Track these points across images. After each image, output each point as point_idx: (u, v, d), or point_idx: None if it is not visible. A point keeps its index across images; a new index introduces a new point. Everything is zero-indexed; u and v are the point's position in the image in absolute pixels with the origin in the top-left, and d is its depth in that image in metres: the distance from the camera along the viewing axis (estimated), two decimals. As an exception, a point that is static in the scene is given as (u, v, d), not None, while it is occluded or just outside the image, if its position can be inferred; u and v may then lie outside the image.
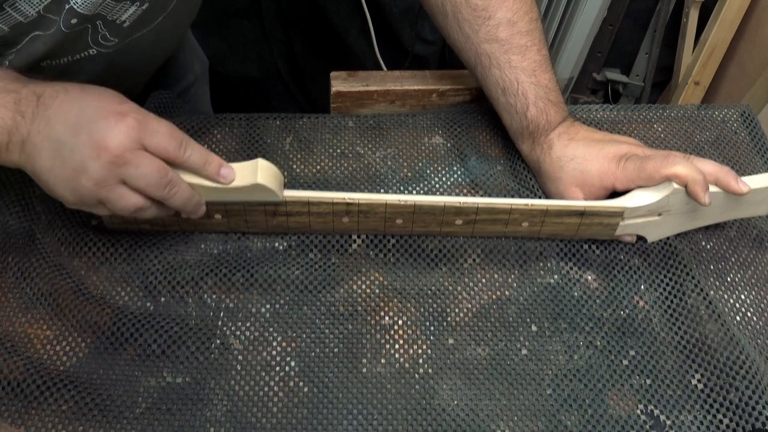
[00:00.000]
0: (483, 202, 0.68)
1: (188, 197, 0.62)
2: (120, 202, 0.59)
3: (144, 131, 0.58)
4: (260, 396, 0.63)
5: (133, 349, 0.65)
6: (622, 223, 0.70)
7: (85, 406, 0.61)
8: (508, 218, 0.69)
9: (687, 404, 0.64)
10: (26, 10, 0.61)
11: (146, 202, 0.60)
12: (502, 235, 0.73)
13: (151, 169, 0.58)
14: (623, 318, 0.69)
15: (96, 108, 0.57)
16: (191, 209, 0.64)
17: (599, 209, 0.68)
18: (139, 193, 0.59)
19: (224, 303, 0.68)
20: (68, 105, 0.57)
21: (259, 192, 0.64)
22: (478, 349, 0.67)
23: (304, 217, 0.69)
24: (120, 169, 0.57)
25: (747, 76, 1.62)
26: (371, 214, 0.69)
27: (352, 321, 0.68)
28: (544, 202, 0.68)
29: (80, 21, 0.64)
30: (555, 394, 0.64)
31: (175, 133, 0.60)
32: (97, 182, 0.57)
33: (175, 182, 0.60)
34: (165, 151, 0.59)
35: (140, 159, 0.57)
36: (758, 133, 0.87)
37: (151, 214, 0.62)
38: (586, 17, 1.67)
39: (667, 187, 0.67)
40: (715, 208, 0.70)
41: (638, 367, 0.66)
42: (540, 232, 0.71)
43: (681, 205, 0.69)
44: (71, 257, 0.70)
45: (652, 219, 0.70)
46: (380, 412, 0.62)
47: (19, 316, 0.66)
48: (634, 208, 0.68)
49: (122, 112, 0.57)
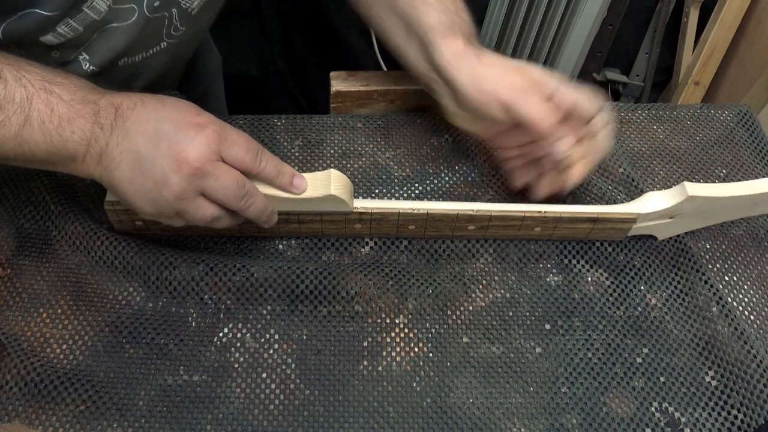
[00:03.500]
0: (496, 210, 0.68)
1: (263, 208, 0.62)
2: (198, 213, 0.59)
3: (222, 142, 0.58)
4: (260, 398, 0.63)
5: (132, 349, 0.65)
6: (634, 226, 0.70)
7: (102, 405, 0.61)
8: (521, 224, 0.69)
9: (701, 401, 0.64)
10: (100, 5, 0.61)
11: (222, 212, 0.60)
12: (514, 238, 0.73)
13: (230, 181, 0.58)
14: (636, 316, 0.69)
15: (175, 119, 0.57)
16: (265, 219, 0.64)
17: (612, 216, 0.69)
18: (217, 204, 0.59)
19: (224, 303, 0.68)
20: (146, 116, 0.57)
21: (330, 202, 0.65)
22: (492, 347, 0.67)
23: (317, 224, 0.69)
24: (200, 180, 0.57)
25: (747, 76, 1.62)
26: (384, 221, 0.69)
27: (354, 321, 0.68)
28: (558, 208, 0.69)
29: (161, 5, 0.65)
30: (570, 392, 0.64)
31: (251, 144, 0.60)
32: (178, 194, 0.57)
33: (251, 193, 0.61)
34: (242, 162, 0.59)
35: (219, 171, 0.58)
36: (758, 133, 0.88)
37: (224, 224, 0.62)
38: (586, 17, 1.67)
39: (681, 193, 0.67)
40: (728, 208, 0.70)
41: (652, 365, 0.66)
42: (552, 235, 0.72)
43: (694, 209, 0.69)
44: (83, 256, 0.70)
45: (664, 221, 0.70)
46: (393, 411, 0.62)
47: (34, 316, 0.66)
48: (647, 213, 0.68)
49: (201, 123, 0.58)
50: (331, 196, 0.64)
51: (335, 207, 0.66)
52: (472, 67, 0.68)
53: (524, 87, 0.66)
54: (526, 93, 0.65)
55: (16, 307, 0.67)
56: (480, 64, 0.68)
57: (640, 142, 0.86)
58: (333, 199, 0.64)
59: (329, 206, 0.66)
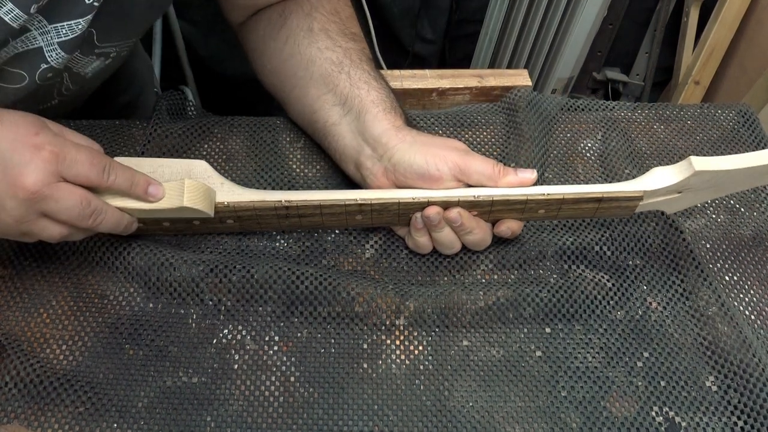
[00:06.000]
0: (498, 195, 0.67)
1: (116, 222, 0.62)
2: (43, 233, 0.58)
3: (61, 163, 0.56)
4: (260, 400, 0.63)
5: (132, 351, 0.65)
6: (641, 203, 0.69)
7: (102, 407, 0.61)
8: (524, 207, 0.68)
9: (702, 406, 0.64)
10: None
11: (71, 230, 0.59)
12: (519, 220, 0.72)
13: (72, 202, 0.57)
14: (636, 319, 0.69)
15: (12, 140, 0.54)
16: (122, 230, 0.63)
17: (617, 194, 0.67)
18: (63, 223, 0.58)
19: (224, 303, 0.68)
20: None
21: (188, 212, 0.64)
22: (492, 350, 0.67)
23: (317, 217, 0.69)
24: (39, 204, 0.55)
25: (747, 76, 1.62)
26: (384, 212, 0.68)
27: (354, 323, 0.68)
28: (561, 189, 0.67)
29: (54, 75, 0.64)
30: (570, 396, 0.64)
31: (95, 159, 0.58)
32: (17, 219, 0.55)
33: (99, 210, 0.59)
34: (87, 180, 0.58)
35: (59, 192, 0.56)
36: (758, 133, 0.88)
37: (78, 238, 0.61)
38: (586, 17, 1.67)
39: (687, 168, 0.65)
40: (737, 179, 0.68)
41: (653, 369, 0.66)
42: (557, 216, 0.71)
43: (702, 183, 0.67)
44: (82, 256, 0.70)
45: (672, 197, 0.69)
46: (393, 415, 0.62)
47: (34, 317, 0.66)
48: (654, 190, 0.67)
49: (37, 145, 0.55)
50: (185, 207, 0.63)
51: (194, 214, 0.65)
52: (413, 135, 0.69)
53: (466, 149, 0.69)
54: (469, 153, 0.69)
55: (15, 307, 0.67)
56: (419, 135, 0.70)
57: (640, 142, 0.85)
58: (188, 210, 0.64)
59: (188, 214, 0.65)
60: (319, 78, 0.74)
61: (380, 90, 0.72)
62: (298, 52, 0.75)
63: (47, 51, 0.62)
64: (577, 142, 0.85)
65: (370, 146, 0.70)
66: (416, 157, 0.67)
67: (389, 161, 0.68)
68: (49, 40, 0.61)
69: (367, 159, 0.70)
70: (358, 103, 0.71)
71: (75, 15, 0.60)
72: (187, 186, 0.63)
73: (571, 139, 0.85)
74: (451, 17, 1.78)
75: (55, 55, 0.62)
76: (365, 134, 0.70)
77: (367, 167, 0.70)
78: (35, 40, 0.61)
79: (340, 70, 0.73)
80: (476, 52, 1.84)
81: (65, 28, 0.61)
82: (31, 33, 0.60)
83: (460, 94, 0.89)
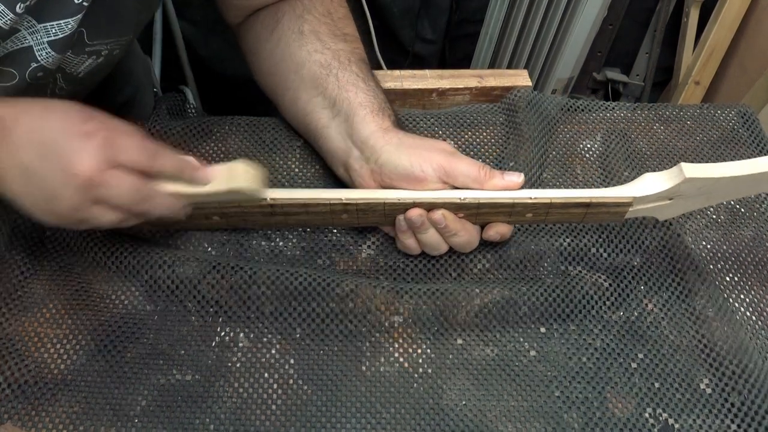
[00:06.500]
0: (485, 198, 0.67)
1: (168, 206, 0.61)
2: (100, 220, 0.58)
3: (113, 149, 0.56)
4: (254, 397, 0.63)
5: (127, 350, 0.65)
6: (631, 209, 0.68)
7: (97, 406, 0.61)
8: (511, 210, 0.68)
9: (696, 408, 0.64)
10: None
11: (126, 215, 0.59)
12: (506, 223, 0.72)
13: (126, 188, 0.57)
14: (632, 321, 0.69)
15: (62, 129, 0.55)
16: (174, 215, 0.63)
17: (606, 200, 0.67)
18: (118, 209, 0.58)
19: (224, 303, 0.68)
20: (31, 128, 0.55)
21: (239, 194, 0.64)
22: (487, 349, 0.67)
23: (303, 216, 0.69)
24: (93, 191, 0.55)
25: (747, 76, 1.62)
26: (370, 212, 0.68)
27: (350, 322, 0.68)
28: (549, 194, 0.67)
29: (45, 75, 0.64)
30: (563, 396, 0.64)
31: (145, 144, 0.59)
32: (73, 207, 0.56)
33: (151, 195, 0.59)
34: (138, 165, 0.58)
35: (113, 179, 0.56)
36: (758, 133, 0.87)
37: (133, 223, 0.61)
38: (586, 17, 1.67)
39: (678, 175, 0.64)
40: (730, 187, 0.68)
41: (647, 371, 0.66)
42: (545, 220, 0.70)
43: (694, 190, 0.66)
44: (77, 256, 0.70)
45: (663, 203, 0.68)
46: (386, 413, 0.62)
47: (28, 317, 0.66)
48: (643, 197, 0.66)
49: (89, 132, 0.55)
50: (235, 189, 0.63)
51: (245, 197, 0.65)
52: (399, 137, 0.70)
53: (453, 151, 0.69)
54: (455, 155, 0.69)
55: (9, 306, 0.67)
56: (406, 137, 0.70)
57: (640, 143, 0.85)
58: (239, 192, 0.63)
59: (239, 196, 0.65)
60: (309, 81, 0.74)
61: (368, 92, 0.73)
62: (289, 55, 0.76)
63: (37, 50, 0.62)
64: (577, 143, 0.85)
65: (358, 148, 0.70)
66: (401, 158, 0.67)
67: (376, 163, 0.68)
68: (38, 40, 0.61)
69: (355, 161, 0.70)
70: (346, 105, 0.72)
71: (64, 15, 0.61)
72: (240, 168, 0.63)
73: (571, 139, 0.85)
74: (451, 17, 1.78)
75: (45, 54, 0.62)
76: (353, 136, 0.71)
77: (355, 169, 0.70)
78: (25, 39, 0.61)
79: (328, 73, 0.74)
80: (476, 52, 1.84)
81: (55, 28, 0.61)
82: (20, 33, 0.60)
83: (460, 94, 0.89)
